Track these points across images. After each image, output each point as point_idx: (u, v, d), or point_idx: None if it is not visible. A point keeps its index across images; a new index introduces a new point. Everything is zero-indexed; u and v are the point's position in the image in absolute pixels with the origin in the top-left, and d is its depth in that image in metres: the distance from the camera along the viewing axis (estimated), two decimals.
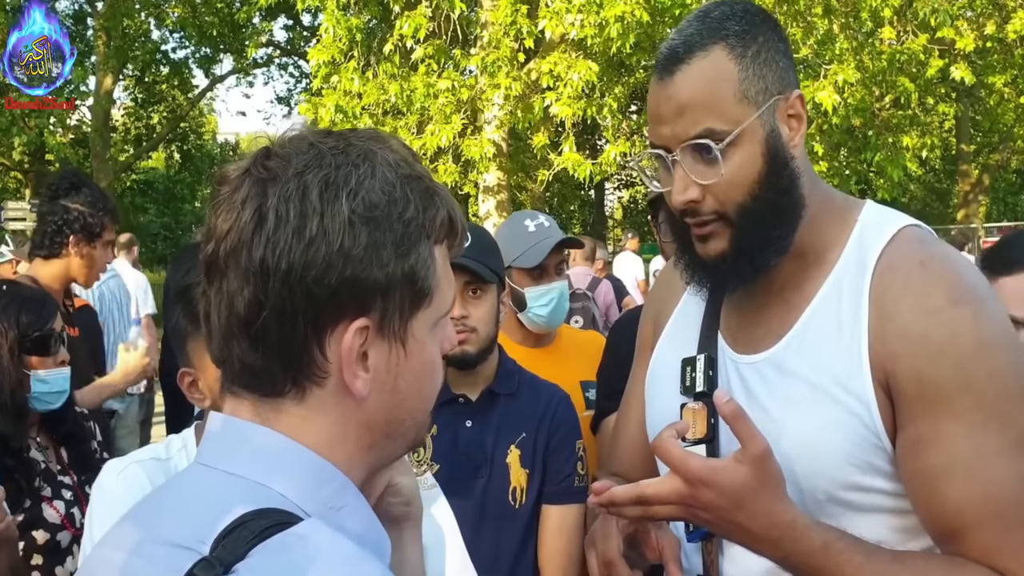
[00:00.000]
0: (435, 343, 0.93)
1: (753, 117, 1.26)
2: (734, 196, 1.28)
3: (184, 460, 1.62)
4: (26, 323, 2.33)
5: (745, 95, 1.26)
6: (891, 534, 1.28)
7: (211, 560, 0.77)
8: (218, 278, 0.86)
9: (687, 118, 1.26)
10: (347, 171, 0.86)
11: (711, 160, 1.26)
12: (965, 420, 1.19)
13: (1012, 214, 27.41)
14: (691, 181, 1.28)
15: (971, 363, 1.20)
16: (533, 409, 2.13)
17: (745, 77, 1.26)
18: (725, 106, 1.26)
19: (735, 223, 1.29)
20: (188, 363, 1.56)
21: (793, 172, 1.30)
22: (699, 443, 1.35)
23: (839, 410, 1.26)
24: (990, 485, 1.18)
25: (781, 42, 1.32)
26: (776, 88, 1.28)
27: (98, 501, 1.60)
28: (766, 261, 1.32)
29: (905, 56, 12.60)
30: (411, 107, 10.95)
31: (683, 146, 1.27)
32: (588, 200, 25.38)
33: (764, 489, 1.17)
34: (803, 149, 1.34)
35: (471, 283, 2.08)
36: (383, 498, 1.07)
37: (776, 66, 1.29)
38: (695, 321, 1.48)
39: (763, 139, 1.27)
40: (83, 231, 3.28)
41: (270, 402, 0.88)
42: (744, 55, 1.27)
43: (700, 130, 1.26)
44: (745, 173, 1.27)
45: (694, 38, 1.28)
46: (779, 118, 1.29)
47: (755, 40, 1.28)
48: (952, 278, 1.26)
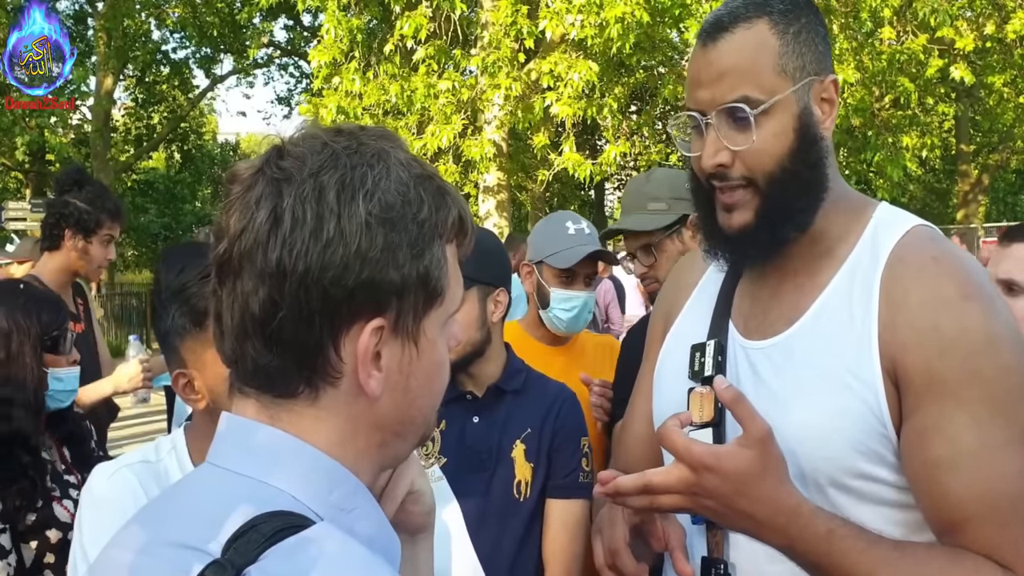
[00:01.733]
0: (444, 341, 0.94)
1: (789, 91, 1.30)
2: (763, 164, 1.31)
3: (174, 462, 1.60)
4: (46, 322, 2.34)
5: (783, 69, 1.30)
6: (892, 528, 1.28)
7: (223, 563, 0.77)
8: (231, 278, 0.86)
9: (726, 83, 1.30)
10: (363, 172, 0.86)
11: (744, 126, 1.30)
12: (971, 412, 1.21)
13: (1012, 214, 27.41)
14: (722, 146, 1.31)
15: (980, 357, 1.22)
16: (539, 405, 2.14)
17: (785, 52, 1.31)
18: (763, 76, 1.30)
19: (763, 191, 1.32)
20: (183, 363, 1.54)
21: (822, 149, 1.34)
22: (707, 427, 1.37)
23: (847, 397, 1.28)
24: (993, 479, 1.20)
25: (821, 27, 1.37)
26: (813, 68, 1.33)
27: (88, 506, 1.57)
28: (786, 233, 1.35)
29: (905, 56, 12.61)
30: (411, 107, 10.95)
31: (719, 110, 1.31)
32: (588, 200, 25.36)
33: (768, 473, 1.18)
34: (830, 135, 1.37)
35: None
36: (404, 505, 1.06)
37: (815, 47, 1.33)
38: (707, 310, 1.50)
39: (796, 114, 1.31)
40: (78, 225, 3.34)
41: (282, 402, 0.88)
42: (786, 32, 1.31)
43: (737, 95, 1.29)
44: (776, 143, 1.30)
45: (739, 10, 1.32)
46: (813, 98, 1.33)
47: (798, 20, 1.33)
48: (963, 274, 1.28)
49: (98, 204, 3.39)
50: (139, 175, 26.07)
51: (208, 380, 1.51)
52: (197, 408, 1.57)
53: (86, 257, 3.39)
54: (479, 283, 2.11)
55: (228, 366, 0.91)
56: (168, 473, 1.58)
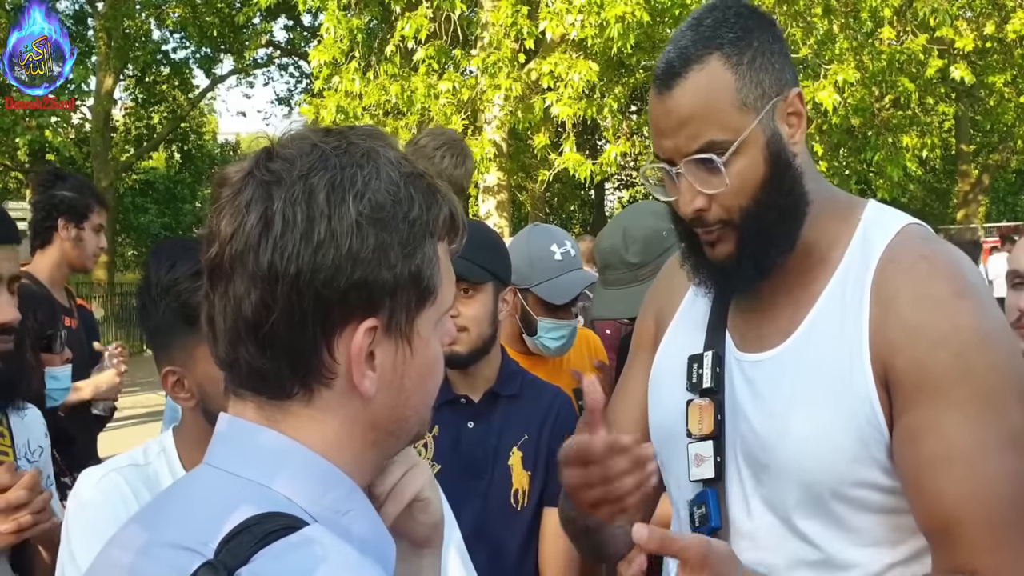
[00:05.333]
0: (437, 340, 0.93)
1: (753, 124, 1.27)
2: (739, 203, 1.29)
3: (163, 465, 1.57)
4: (42, 320, 2.34)
5: (744, 103, 1.27)
6: (892, 533, 1.29)
7: (215, 564, 0.77)
8: (223, 282, 0.86)
9: (688, 131, 1.27)
10: (352, 172, 0.86)
11: (715, 170, 1.27)
12: (962, 410, 1.20)
13: (1012, 214, 27.40)
14: (697, 192, 1.29)
15: (972, 354, 1.22)
16: (535, 410, 2.12)
17: (743, 85, 1.27)
18: (725, 116, 1.26)
19: (740, 227, 1.31)
20: (172, 361, 1.50)
21: (796, 172, 1.32)
22: (706, 439, 1.36)
23: (843, 407, 1.27)
24: (985, 479, 1.19)
25: (776, 42, 1.32)
26: (774, 91, 1.29)
27: (76, 512, 1.52)
28: (772, 262, 1.33)
29: (905, 56, 12.61)
30: (412, 107, 10.95)
31: (687, 160, 1.28)
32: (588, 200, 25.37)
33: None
34: (804, 146, 1.35)
35: (461, 282, 2.07)
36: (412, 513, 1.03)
37: (772, 68, 1.29)
38: (701, 319, 1.48)
39: (764, 144, 1.28)
40: (70, 212, 3.34)
41: (277, 404, 0.88)
42: (740, 63, 1.27)
43: (702, 143, 1.26)
44: (749, 179, 1.28)
45: (689, 50, 1.28)
46: (779, 118, 1.30)
47: (750, 46, 1.28)
48: (954, 272, 1.28)
49: (85, 191, 3.40)
50: (139, 175, 26.09)
51: (198, 378, 1.48)
52: (186, 407, 1.54)
53: (80, 245, 3.38)
54: (496, 279, 2.10)
55: (222, 369, 0.91)
56: (158, 476, 1.55)
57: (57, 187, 3.35)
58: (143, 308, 1.53)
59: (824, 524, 1.29)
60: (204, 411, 1.49)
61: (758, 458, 1.34)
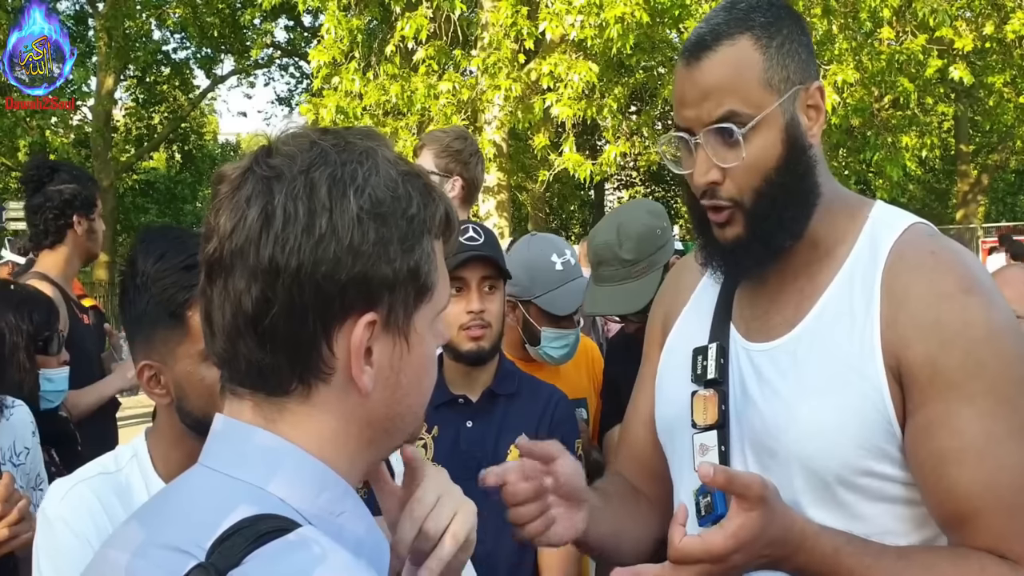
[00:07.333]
0: (433, 338, 0.94)
1: (775, 104, 1.31)
2: (752, 181, 1.32)
3: (136, 470, 1.51)
4: (39, 322, 2.34)
5: (768, 83, 1.31)
6: (899, 523, 1.31)
7: (207, 566, 0.77)
8: (222, 277, 0.86)
9: (711, 101, 1.30)
10: (352, 168, 0.87)
11: (733, 143, 1.30)
12: (975, 405, 1.23)
13: (1011, 214, 27.38)
14: (712, 164, 1.32)
15: (982, 349, 1.24)
16: (533, 409, 2.13)
17: (769, 66, 1.31)
18: (749, 91, 1.30)
19: (750, 210, 1.33)
20: (151, 355, 1.44)
21: (810, 159, 1.35)
22: (710, 429, 1.38)
23: (852, 396, 1.29)
24: (999, 470, 1.22)
25: (804, 35, 1.36)
26: (798, 78, 1.33)
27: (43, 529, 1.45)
28: (781, 243, 1.35)
29: (904, 56, 12.59)
30: (412, 108, 10.95)
31: (707, 129, 1.31)
32: (588, 200, 25.34)
33: (775, 517, 1.19)
34: (819, 141, 1.38)
35: (488, 278, 2.08)
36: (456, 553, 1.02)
37: (798, 57, 1.34)
38: (707, 313, 1.51)
39: (783, 126, 1.32)
40: (83, 206, 3.30)
41: (274, 401, 0.88)
42: (769, 45, 1.32)
43: (723, 112, 1.30)
44: (765, 158, 1.31)
45: (721, 27, 1.32)
46: (799, 107, 1.34)
47: (780, 32, 1.33)
48: (962, 268, 1.30)
49: (83, 179, 3.36)
50: (140, 175, 26.05)
51: (176, 375, 1.42)
52: (160, 404, 1.48)
53: (93, 236, 3.35)
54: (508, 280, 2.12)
55: (219, 367, 0.91)
56: (130, 483, 1.49)
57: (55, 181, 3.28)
58: (124, 294, 1.48)
59: (830, 512, 1.31)
60: (179, 410, 1.44)
61: (765, 444, 1.36)
